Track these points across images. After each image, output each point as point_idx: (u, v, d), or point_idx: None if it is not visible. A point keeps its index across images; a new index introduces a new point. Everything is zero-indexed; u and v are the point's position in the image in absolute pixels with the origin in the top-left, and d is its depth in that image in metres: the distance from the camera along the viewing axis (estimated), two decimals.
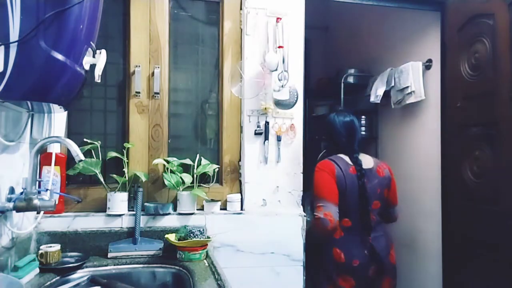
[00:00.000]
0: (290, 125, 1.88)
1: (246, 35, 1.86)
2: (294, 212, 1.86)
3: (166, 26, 1.84)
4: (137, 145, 1.78)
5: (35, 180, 1.26)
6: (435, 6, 2.20)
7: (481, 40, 1.88)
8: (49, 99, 1.10)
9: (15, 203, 1.22)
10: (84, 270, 1.46)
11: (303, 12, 1.92)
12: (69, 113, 1.72)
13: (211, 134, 1.92)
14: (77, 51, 1.12)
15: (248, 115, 1.84)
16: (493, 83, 1.80)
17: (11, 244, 1.29)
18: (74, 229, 1.61)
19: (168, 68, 1.85)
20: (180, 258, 1.56)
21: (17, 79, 0.99)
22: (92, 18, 1.15)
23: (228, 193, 1.85)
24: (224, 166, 1.88)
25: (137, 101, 1.79)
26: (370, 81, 2.83)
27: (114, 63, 1.78)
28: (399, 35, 2.71)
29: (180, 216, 1.73)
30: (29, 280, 1.27)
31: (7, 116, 1.26)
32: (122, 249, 1.58)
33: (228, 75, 1.88)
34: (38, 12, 0.98)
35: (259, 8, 1.85)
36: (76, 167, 1.64)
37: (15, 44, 0.97)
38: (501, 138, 1.76)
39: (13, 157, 1.34)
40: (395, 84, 2.49)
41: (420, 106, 2.45)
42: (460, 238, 2.04)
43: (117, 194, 1.67)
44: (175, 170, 1.75)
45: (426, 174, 2.41)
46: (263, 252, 1.79)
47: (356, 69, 3.04)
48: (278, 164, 1.87)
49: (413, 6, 2.20)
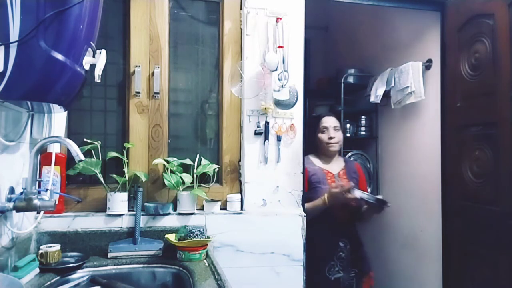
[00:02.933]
0: (290, 125, 1.88)
1: (246, 35, 1.86)
2: (294, 212, 1.86)
3: (166, 26, 1.84)
4: (137, 145, 1.78)
5: (35, 180, 1.26)
6: (435, 6, 2.20)
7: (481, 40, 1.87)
8: (49, 99, 1.10)
9: (15, 203, 1.22)
10: (84, 270, 1.46)
11: (303, 12, 1.92)
12: (69, 113, 1.72)
13: (211, 134, 1.92)
14: (77, 51, 1.11)
15: (248, 115, 1.84)
16: (493, 83, 1.80)
17: (11, 244, 1.29)
18: (74, 229, 1.61)
19: (168, 68, 1.85)
20: (180, 258, 1.56)
21: (17, 79, 0.99)
22: (92, 18, 1.15)
23: (228, 193, 1.85)
24: (224, 166, 1.88)
25: (137, 101, 1.79)
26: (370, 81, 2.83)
27: (114, 63, 1.78)
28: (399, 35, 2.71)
29: (180, 216, 1.73)
30: (29, 280, 1.27)
31: (7, 116, 1.26)
32: (122, 249, 1.58)
33: (228, 75, 1.88)
34: (38, 12, 0.98)
35: (259, 8, 1.85)
36: (76, 167, 1.64)
37: (15, 44, 0.97)
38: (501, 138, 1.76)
39: (13, 157, 1.34)
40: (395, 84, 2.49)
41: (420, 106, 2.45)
42: (460, 238, 2.04)
43: (117, 194, 1.67)
44: (175, 170, 1.75)
45: (426, 174, 2.41)
46: (263, 252, 1.79)
47: (356, 69, 3.04)
48: (278, 164, 1.87)
49: (413, 6, 2.20)
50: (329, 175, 2.13)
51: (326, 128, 2.14)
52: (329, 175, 2.12)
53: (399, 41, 2.70)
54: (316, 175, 2.09)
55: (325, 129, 2.14)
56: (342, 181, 2.06)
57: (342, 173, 2.15)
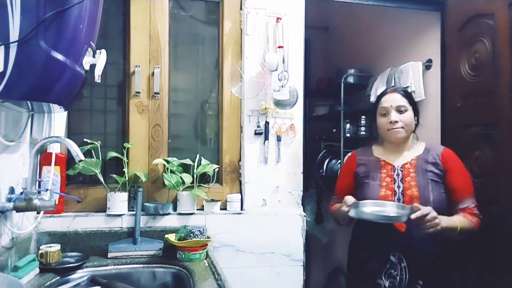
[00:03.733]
0: (290, 125, 1.88)
1: (246, 35, 1.86)
2: (294, 212, 1.86)
3: (166, 26, 1.84)
4: (137, 145, 1.78)
5: (35, 180, 1.26)
6: (435, 6, 2.20)
7: (481, 40, 1.87)
8: (49, 99, 1.10)
9: (15, 203, 1.22)
10: (84, 270, 1.46)
11: (303, 12, 1.92)
12: (69, 113, 1.72)
13: (211, 134, 1.92)
14: (77, 51, 1.11)
15: (248, 115, 1.84)
16: (493, 83, 1.80)
17: (11, 244, 1.29)
18: (74, 229, 1.61)
19: (168, 68, 1.85)
20: (180, 258, 1.56)
21: (17, 79, 0.99)
22: (92, 18, 1.15)
23: (228, 193, 1.85)
24: (224, 166, 1.88)
25: (137, 101, 1.79)
26: (370, 81, 2.83)
27: (114, 63, 1.78)
28: (399, 35, 2.70)
29: (180, 216, 1.73)
30: (29, 280, 1.27)
31: (7, 116, 1.26)
32: (122, 249, 1.58)
33: (228, 75, 1.88)
34: (38, 12, 0.98)
35: (259, 8, 1.85)
36: (76, 167, 1.64)
37: (15, 44, 0.97)
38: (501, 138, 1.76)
39: (13, 157, 1.34)
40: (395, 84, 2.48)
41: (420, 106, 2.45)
42: None
43: (117, 194, 1.67)
44: (175, 170, 1.75)
45: None
46: (263, 252, 1.79)
47: (356, 69, 3.03)
48: (278, 164, 1.87)
49: (413, 6, 2.20)
50: (387, 167, 1.61)
51: (386, 110, 1.60)
52: (387, 168, 1.61)
53: (399, 41, 2.70)
54: (367, 166, 1.65)
55: (385, 110, 1.60)
56: (406, 177, 1.56)
57: (409, 166, 1.58)
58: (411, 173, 1.57)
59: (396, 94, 1.61)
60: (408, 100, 1.61)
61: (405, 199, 1.53)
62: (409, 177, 1.56)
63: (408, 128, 1.59)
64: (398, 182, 1.57)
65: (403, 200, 1.53)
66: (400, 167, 1.59)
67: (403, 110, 1.58)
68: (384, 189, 1.57)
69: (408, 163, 1.59)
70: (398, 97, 1.60)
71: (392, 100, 1.60)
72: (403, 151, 1.64)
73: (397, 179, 1.58)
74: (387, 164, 1.62)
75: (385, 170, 1.61)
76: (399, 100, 1.59)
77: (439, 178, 1.55)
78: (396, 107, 1.58)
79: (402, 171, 1.58)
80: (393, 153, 1.65)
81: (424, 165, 1.57)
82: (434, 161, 1.57)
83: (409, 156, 1.62)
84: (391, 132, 1.59)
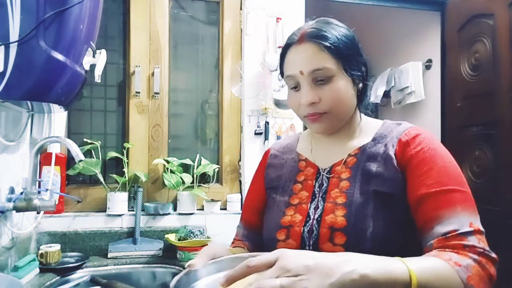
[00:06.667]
0: (290, 125, 1.88)
1: (246, 35, 1.86)
2: None
3: (166, 26, 1.84)
4: (137, 145, 1.78)
5: (35, 180, 1.26)
6: (435, 6, 2.21)
7: (481, 40, 1.88)
8: (49, 99, 1.10)
9: (15, 203, 1.22)
10: (84, 270, 1.46)
11: (303, 12, 1.92)
12: (69, 113, 1.72)
13: (211, 134, 1.92)
14: (77, 51, 1.11)
15: (248, 115, 1.84)
16: (493, 83, 1.80)
17: (11, 244, 1.29)
18: (74, 229, 1.61)
19: (168, 68, 1.85)
20: (180, 258, 1.56)
21: (17, 79, 0.99)
22: (92, 18, 1.15)
23: (228, 193, 1.85)
24: (224, 166, 1.88)
25: (137, 101, 1.79)
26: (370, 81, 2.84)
27: (114, 63, 1.78)
28: (399, 35, 2.71)
29: (180, 216, 1.73)
30: (29, 280, 1.27)
31: (7, 116, 1.25)
32: (122, 249, 1.58)
33: (228, 75, 1.88)
34: (38, 12, 0.98)
35: (259, 8, 1.85)
36: (76, 167, 1.64)
37: (15, 44, 0.97)
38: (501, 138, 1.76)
39: (13, 157, 1.33)
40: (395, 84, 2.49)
41: (420, 106, 2.45)
42: None
43: (117, 194, 1.66)
44: (175, 170, 1.75)
45: None
46: None
47: None
48: None
49: (413, 6, 2.20)
50: (308, 171, 0.87)
51: (293, 79, 0.81)
52: (307, 172, 0.87)
53: (399, 41, 2.70)
54: (278, 169, 0.93)
55: (293, 80, 0.82)
56: (332, 190, 0.80)
57: (342, 167, 0.82)
58: (343, 181, 0.80)
59: (310, 45, 0.79)
60: (334, 54, 0.78)
61: (321, 232, 0.76)
62: (337, 188, 0.80)
63: (339, 109, 0.80)
64: (318, 198, 0.81)
65: (317, 233, 0.76)
66: (327, 170, 0.84)
67: (325, 77, 0.78)
68: (292, 211, 0.83)
69: (340, 163, 0.83)
70: (312, 51, 0.78)
71: (302, 59, 0.79)
72: (339, 141, 0.87)
73: (319, 192, 0.82)
74: (309, 164, 0.88)
75: (303, 177, 0.87)
76: (314, 58, 0.78)
77: (391, 187, 0.76)
78: (311, 72, 0.78)
79: (329, 177, 0.83)
80: (322, 146, 0.89)
81: (366, 165, 0.79)
82: (386, 155, 0.79)
83: (346, 149, 0.85)
84: (307, 121, 0.83)
